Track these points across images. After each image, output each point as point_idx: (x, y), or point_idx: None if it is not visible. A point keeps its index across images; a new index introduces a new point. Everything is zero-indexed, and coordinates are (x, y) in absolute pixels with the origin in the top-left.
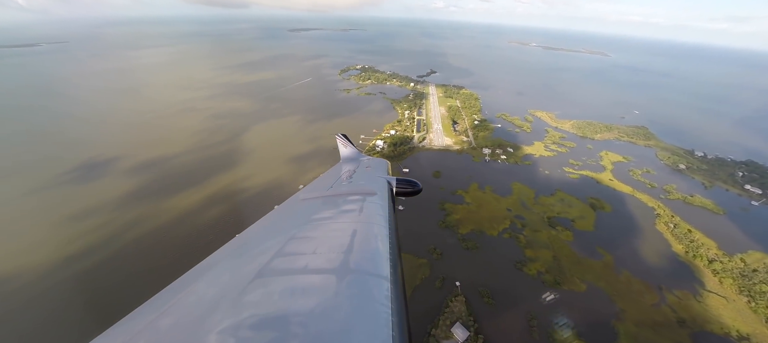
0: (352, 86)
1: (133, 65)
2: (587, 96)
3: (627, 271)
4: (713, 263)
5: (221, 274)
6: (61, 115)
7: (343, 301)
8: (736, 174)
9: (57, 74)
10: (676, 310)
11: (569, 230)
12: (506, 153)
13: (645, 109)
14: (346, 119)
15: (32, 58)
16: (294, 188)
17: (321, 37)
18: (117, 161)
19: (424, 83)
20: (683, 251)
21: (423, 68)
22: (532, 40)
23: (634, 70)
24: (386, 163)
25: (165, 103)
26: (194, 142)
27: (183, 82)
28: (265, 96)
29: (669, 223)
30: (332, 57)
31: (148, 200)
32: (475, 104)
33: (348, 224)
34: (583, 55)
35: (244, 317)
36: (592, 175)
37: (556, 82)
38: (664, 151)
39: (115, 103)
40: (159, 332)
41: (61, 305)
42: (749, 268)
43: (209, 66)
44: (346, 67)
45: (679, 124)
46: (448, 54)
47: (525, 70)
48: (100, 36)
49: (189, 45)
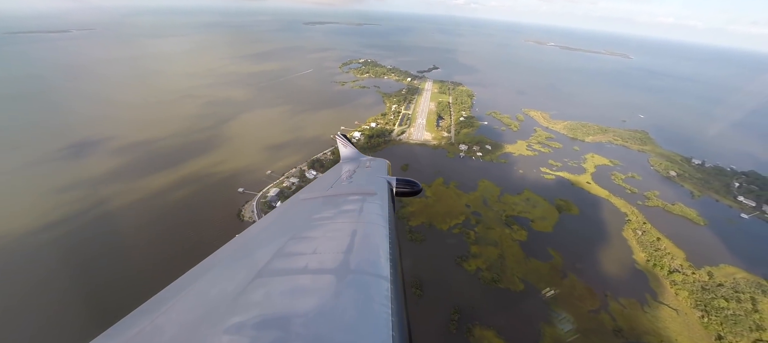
0: (349, 79)
1: (149, 53)
2: (592, 98)
3: (573, 275)
4: (674, 273)
5: (221, 274)
6: (74, 96)
7: (343, 301)
8: (732, 184)
9: (78, 60)
10: (616, 318)
11: (525, 230)
12: (483, 150)
13: (653, 113)
14: (333, 111)
15: (61, 43)
16: (260, 174)
17: (334, 31)
18: (108, 141)
19: (422, 79)
20: (644, 260)
21: (428, 64)
22: (550, 40)
23: (654, 74)
24: (386, 163)
25: (168, 90)
26: (182, 127)
27: (190, 71)
28: (262, 86)
29: (638, 230)
30: (339, 50)
31: (123, 178)
32: (466, 101)
33: (348, 224)
34: (602, 56)
35: (244, 317)
36: (570, 177)
37: (563, 82)
38: (659, 156)
39: (123, 88)
40: (159, 332)
41: (38, 264)
42: (714, 282)
43: (219, 56)
44: (349, 60)
45: (686, 130)
46: (458, 51)
47: (533, 70)
48: (125, 24)
49: (206, 35)
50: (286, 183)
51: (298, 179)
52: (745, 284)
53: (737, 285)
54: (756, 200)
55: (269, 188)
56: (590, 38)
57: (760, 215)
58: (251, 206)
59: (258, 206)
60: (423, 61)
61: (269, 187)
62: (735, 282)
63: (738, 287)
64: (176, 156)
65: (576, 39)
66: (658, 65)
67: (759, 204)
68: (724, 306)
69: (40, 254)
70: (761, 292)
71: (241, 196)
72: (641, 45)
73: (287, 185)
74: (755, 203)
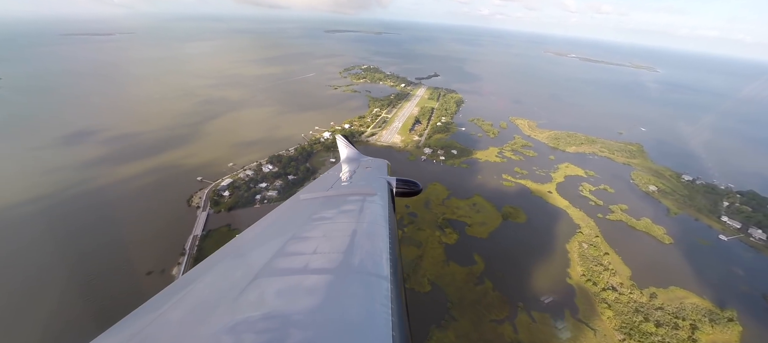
0: (344, 84)
1: (172, 55)
2: (594, 108)
3: (491, 282)
4: (607, 291)
5: (222, 274)
6: (91, 91)
7: (343, 301)
8: (720, 204)
9: (110, 60)
10: (519, 331)
11: (458, 234)
12: (449, 155)
13: (659, 127)
14: (316, 113)
15: (103, 45)
16: (222, 167)
17: (351, 39)
18: (102, 132)
19: (417, 85)
20: (579, 274)
21: (430, 72)
22: (572, 52)
23: (677, 88)
24: (386, 164)
25: (173, 88)
26: (171, 122)
27: (199, 72)
28: (260, 88)
29: (585, 243)
30: (348, 56)
31: (104, 164)
32: (452, 107)
33: (348, 224)
34: (625, 68)
35: (244, 317)
36: (532, 185)
37: (569, 93)
38: (644, 170)
39: (136, 85)
40: (159, 332)
41: (19, 230)
42: (653, 305)
43: (232, 59)
44: (351, 66)
45: (689, 146)
46: (469, 60)
47: (541, 80)
48: (163, 29)
49: (229, 40)
50: (241, 175)
51: (253, 172)
52: (691, 310)
53: (682, 310)
54: (745, 221)
55: (225, 178)
56: (619, 51)
57: (743, 238)
58: (202, 194)
59: (208, 194)
60: (427, 68)
61: (225, 178)
62: (680, 307)
63: (682, 312)
64: (156, 147)
65: (601, 51)
66: (687, 79)
67: (745, 226)
68: (651, 331)
69: (23, 222)
70: (708, 320)
71: (198, 184)
72: (676, 59)
73: (242, 176)
74: (741, 224)
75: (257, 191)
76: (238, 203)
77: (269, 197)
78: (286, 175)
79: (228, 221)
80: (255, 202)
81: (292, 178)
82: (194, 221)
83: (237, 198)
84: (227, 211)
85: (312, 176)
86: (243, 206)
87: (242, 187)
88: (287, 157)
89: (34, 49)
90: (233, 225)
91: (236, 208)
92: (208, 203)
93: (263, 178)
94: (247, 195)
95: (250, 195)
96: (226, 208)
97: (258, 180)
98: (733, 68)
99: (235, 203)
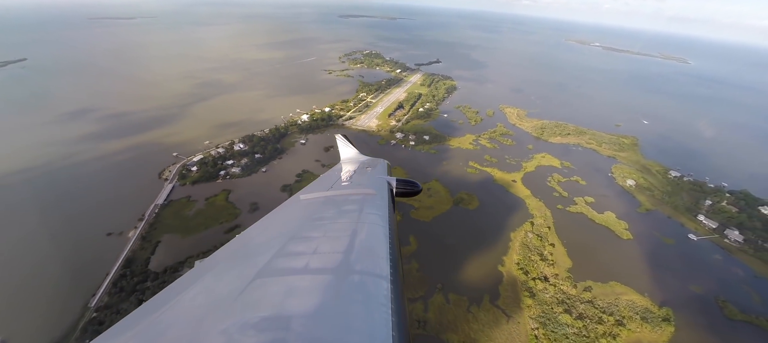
0: (340, 69)
1: (184, 38)
2: (598, 100)
3: (417, 263)
4: (536, 281)
5: (222, 274)
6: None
7: (343, 301)
8: (701, 202)
9: (125, 42)
10: (429, 310)
11: (400, 215)
12: (420, 140)
13: (663, 121)
14: (304, 97)
15: (123, 28)
16: (199, 144)
17: (364, 24)
18: (97, 111)
19: (413, 71)
20: (514, 263)
21: (433, 58)
22: (596, 40)
23: (704, 80)
24: (386, 164)
25: (176, 71)
26: (164, 103)
27: (204, 56)
28: (257, 71)
29: (532, 232)
30: (353, 42)
31: (93, 140)
32: (440, 94)
33: (348, 224)
34: (652, 59)
35: (244, 317)
36: (498, 173)
37: (577, 82)
38: (630, 163)
39: (142, 67)
40: (160, 331)
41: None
42: (582, 298)
43: (239, 43)
44: (352, 51)
45: (691, 141)
46: (480, 47)
47: (552, 69)
48: (184, 13)
49: (244, 24)
50: (213, 152)
51: (224, 150)
52: (624, 306)
53: (613, 306)
54: (724, 222)
55: (197, 155)
56: (651, 40)
57: (716, 239)
58: (174, 168)
59: (178, 169)
60: (432, 55)
61: (198, 154)
62: (613, 303)
63: (612, 307)
64: (144, 125)
65: (631, 40)
66: (721, 72)
67: (722, 227)
68: (567, 322)
69: (16, 187)
70: (639, 317)
71: (173, 159)
72: (715, 50)
73: (213, 153)
74: (718, 224)
75: (223, 167)
76: (202, 178)
77: (232, 174)
78: (253, 154)
79: (189, 193)
80: (218, 177)
81: (258, 157)
82: (160, 191)
83: (203, 173)
84: (191, 184)
85: (278, 156)
86: (206, 181)
87: (210, 163)
88: (259, 138)
89: (61, 32)
90: (193, 197)
91: (200, 182)
92: (176, 177)
93: (232, 155)
94: (213, 171)
95: (215, 171)
96: (190, 181)
97: (226, 157)
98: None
99: (200, 177)
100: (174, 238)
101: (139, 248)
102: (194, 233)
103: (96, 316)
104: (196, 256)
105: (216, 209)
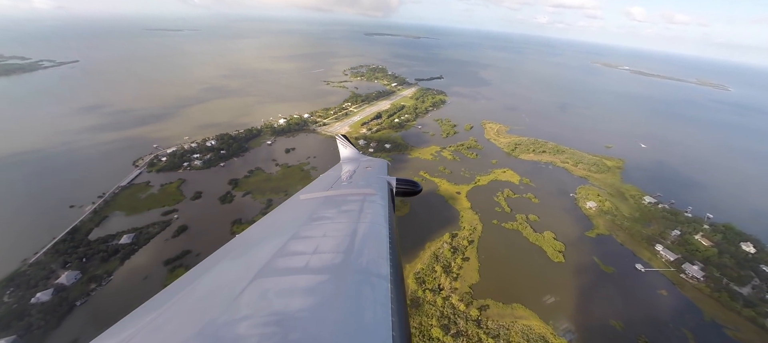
0: (339, 81)
1: (214, 49)
2: (599, 122)
3: None
4: (427, 292)
5: (222, 274)
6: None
7: (343, 301)
8: (667, 232)
9: (166, 51)
10: None
11: None
12: (380, 148)
13: (664, 146)
14: (294, 103)
15: (169, 39)
16: (179, 140)
17: (386, 42)
18: (109, 106)
19: (408, 86)
20: (415, 271)
21: (437, 74)
22: (624, 64)
23: (741, 108)
24: (386, 164)
25: (191, 77)
26: (167, 103)
27: (222, 64)
28: (262, 79)
29: (448, 243)
30: (367, 57)
31: (92, 131)
32: (423, 107)
33: (348, 224)
34: (686, 84)
35: (244, 317)
36: (445, 184)
37: (584, 104)
38: (601, 186)
39: (167, 71)
40: (159, 331)
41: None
42: (470, 316)
43: (259, 55)
44: (360, 65)
45: (687, 169)
46: (491, 66)
47: (563, 89)
48: (226, 27)
49: (272, 38)
50: (186, 146)
51: (197, 145)
52: (517, 332)
53: (503, 329)
54: (685, 254)
55: (171, 147)
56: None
57: (670, 273)
58: (148, 158)
59: (151, 158)
60: (437, 71)
61: (172, 147)
62: (507, 325)
63: (501, 329)
64: (141, 121)
65: (666, 65)
66: (760, 100)
67: (681, 260)
68: (438, 336)
69: (21, 165)
70: None
71: (152, 150)
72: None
73: (186, 147)
74: (676, 257)
75: (187, 159)
76: (167, 167)
77: (194, 166)
78: (219, 150)
79: (151, 179)
80: (181, 167)
81: (223, 153)
82: (126, 175)
83: (169, 163)
84: (157, 172)
85: (241, 153)
86: (170, 170)
87: (178, 155)
88: (229, 137)
89: (117, 40)
90: (151, 182)
91: (164, 170)
92: (146, 165)
93: (201, 150)
94: (178, 162)
95: (180, 162)
96: (156, 169)
97: (195, 151)
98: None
99: (165, 166)
100: (119, 215)
101: (89, 220)
102: (137, 212)
103: (27, 270)
104: (130, 230)
105: (165, 195)
